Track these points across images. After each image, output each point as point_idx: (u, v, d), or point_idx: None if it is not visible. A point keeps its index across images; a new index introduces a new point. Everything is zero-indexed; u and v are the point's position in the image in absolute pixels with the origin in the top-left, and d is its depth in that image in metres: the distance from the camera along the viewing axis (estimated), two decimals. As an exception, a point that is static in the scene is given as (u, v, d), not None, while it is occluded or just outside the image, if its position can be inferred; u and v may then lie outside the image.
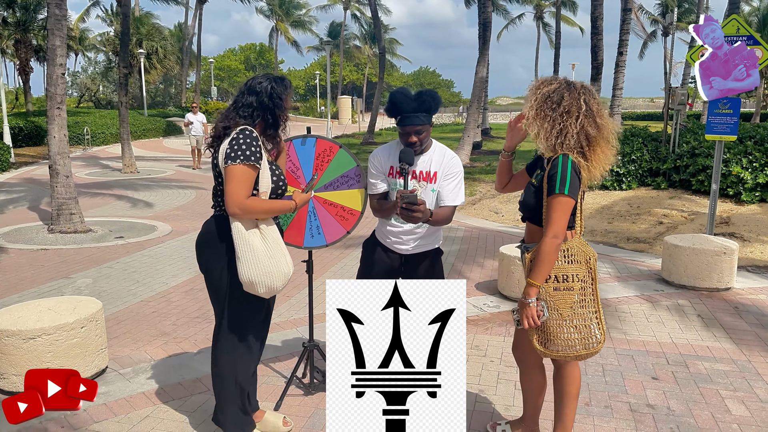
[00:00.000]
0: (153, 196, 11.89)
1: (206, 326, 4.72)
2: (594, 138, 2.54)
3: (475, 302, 5.34)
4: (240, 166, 2.56)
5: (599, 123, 2.55)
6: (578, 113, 2.51)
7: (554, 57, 33.77)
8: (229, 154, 2.58)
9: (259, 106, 2.68)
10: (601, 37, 13.34)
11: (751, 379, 3.85)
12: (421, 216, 2.88)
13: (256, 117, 2.69)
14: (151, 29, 37.32)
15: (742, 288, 5.79)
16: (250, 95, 2.68)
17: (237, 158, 2.56)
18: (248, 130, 2.63)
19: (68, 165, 8.21)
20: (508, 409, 3.46)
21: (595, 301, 2.64)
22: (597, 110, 2.56)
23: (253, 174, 2.60)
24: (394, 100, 3.02)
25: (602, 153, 2.58)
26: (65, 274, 6.22)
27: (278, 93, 2.70)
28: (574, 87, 2.56)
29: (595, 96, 2.61)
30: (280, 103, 2.71)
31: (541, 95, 2.56)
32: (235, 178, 2.55)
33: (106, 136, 25.22)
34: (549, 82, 2.60)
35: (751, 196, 8.86)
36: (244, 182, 2.57)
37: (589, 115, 2.53)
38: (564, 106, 2.52)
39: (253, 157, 2.58)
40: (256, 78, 2.74)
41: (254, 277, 2.61)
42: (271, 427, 3.13)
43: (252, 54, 78.22)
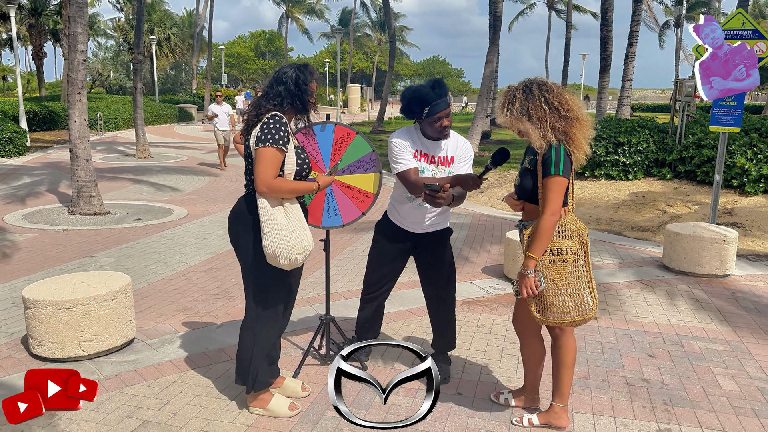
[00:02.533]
0: (167, 180, 12.15)
1: (226, 303, 4.98)
2: (565, 128, 2.78)
3: (482, 284, 5.57)
4: (269, 149, 2.81)
5: (565, 114, 2.78)
6: (545, 116, 2.75)
7: (564, 47, 33.70)
8: (259, 137, 2.83)
9: (288, 94, 2.93)
10: (611, 29, 13.43)
11: (742, 358, 4.06)
12: (443, 202, 3.11)
13: (285, 105, 2.94)
14: (163, 16, 37.56)
15: (741, 275, 5.99)
16: (278, 85, 2.93)
17: (267, 141, 2.81)
18: (278, 115, 2.88)
19: (88, 149, 8.47)
20: (511, 380, 3.69)
21: (587, 272, 2.88)
22: (559, 102, 2.78)
23: (280, 156, 2.85)
24: (418, 95, 3.23)
25: (578, 133, 2.80)
26: (88, 254, 6.49)
27: (303, 79, 2.94)
28: (532, 93, 2.79)
29: (552, 89, 2.81)
30: (305, 88, 2.96)
31: (512, 114, 2.80)
32: (265, 160, 2.80)
33: (118, 122, 25.50)
34: (511, 100, 2.81)
35: (755, 187, 9.01)
36: (272, 164, 2.82)
37: (554, 113, 2.76)
38: (533, 115, 2.77)
39: (281, 141, 2.83)
40: (282, 68, 3.00)
41: (277, 250, 2.85)
42: (290, 392, 3.38)
43: (262, 41, 78.26)
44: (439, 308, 3.66)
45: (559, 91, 2.81)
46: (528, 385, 3.33)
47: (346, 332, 3.97)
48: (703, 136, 9.97)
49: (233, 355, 3.93)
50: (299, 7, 57.36)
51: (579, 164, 2.84)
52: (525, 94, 2.79)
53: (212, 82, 39.79)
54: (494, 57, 15.95)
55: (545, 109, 2.75)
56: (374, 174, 3.55)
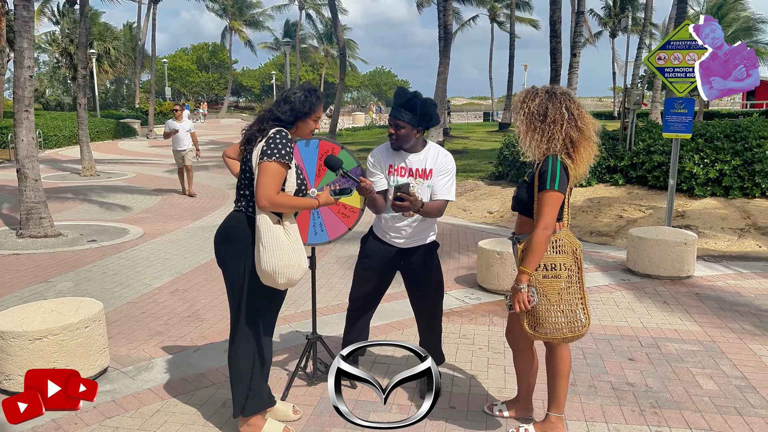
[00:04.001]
0: (118, 199, 11.74)
1: (199, 325, 4.82)
2: (577, 140, 2.81)
3: (457, 295, 5.58)
4: (274, 164, 2.75)
5: (580, 126, 2.82)
6: (562, 121, 2.78)
7: (509, 58, 34.50)
8: (265, 151, 2.77)
9: (292, 114, 2.88)
10: (560, 40, 13.83)
11: (716, 357, 4.20)
12: (410, 205, 3.09)
13: (289, 124, 2.89)
14: (103, 29, 36.49)
15: (701, 276, 6.21)
16: (285, 104, 2.89)
17: (273, 155, 2.75)
18: (284, 131, 2.84)
19: (37, 168, 8.10)
20: (501, 391, 3.69)
21: (580, 288, 2.89)
22: (578, 114, 2.82)
23: (284, 172, 2.79)
24: (395, 93, 3.36)
25: (585, 152, 2.84)
26: (44, 278, 6.18)
27: (311, 101, 2.93)
28: (555, 96, 2.81)
29: (575, 101, 2.86)
30: (311, 113, 2.94)
31: (528, 110, 2.82)
32: (269, 174, 2.74)
33: (59, 139, 24.56)
34: (532, 96, 2.84)
35: (703, 190, 9.40)
36: (276, 178, 2.76)
37: (572, 121, 2.79)
38: (550, 117, 2.78)
39: (287, 156, 2.78)
40: (292, 89, 2.97)
41: (277, 268, 2.77)
42: (281, 416, 3.29)
43: (205, 53, 76.97)
44: (428, 323, 3.64)
45: (579, 104, 2.83)
46: (521, 394, 3.34)
47: (334, 350, 3.89)
48: (653, 143, 10.34)
49: (215, 380, 3.79)
50: (242, 19, 56.82)
51: (577, 180, 2.85)
52: (548, 94, 2.80)
53: (156, 96, 38.89)
54: (446, 69, 16.17)
55: (564, 113, 2.75)
56: (359, 189, 3.50)
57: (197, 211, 10.02)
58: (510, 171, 11.72)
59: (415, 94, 3.34)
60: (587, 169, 2.88)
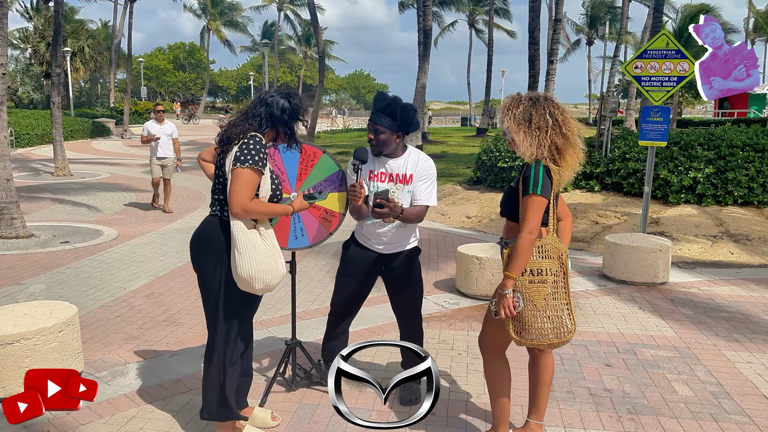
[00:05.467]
0: (92, 199, 11.54)
1: (175, 329, 4.75)
2: (562, 146, 2.80)
3: (436, 300, 5.58)
4: (247, 170, 2.70)
5: (565, 132, 2.81)
6: (547, 128, 2.77)
7: (487, 64, 34.74)
8: (238, 157, 2.72)
9: (269, 117, 2.83)
10: (538, 47, 13.97)
11: (691, 363, 4.26)
12: (389, 211, 3.08)
13: (264, 126, 2.84)
14: (77, 27, 35.90)
15: (676, 282, 6.30)
16: (260, 107, 2.83)
17: (246, 162, 2.70)
18: (258, 137, 2.78)
19: (9, 168, 7.92)
20: (480, 396, 3.69)
21: (566, 293, 2.88)
22: (563, 120, 2.81)
23: (257, 178, 2.74)
24: (374, 98, 3.37)
25: (570, 158, 2.83)
26: (15, 281, 6.04)
27: (294, 107, 2.89)
28: (539, 103, 2.81)
29: (559, 106, 2.85)
30: (289, 118, 2.89)
31: (514, 117, 2.81)
32: (242, 181, 2.69)
33: (31, 137, 24.08)
34: (516, 103, 2.83)
35: (677, 197, 9.55)
36: (250, 185, 2.71)
37: (556, 127, 2.78)
38: (534, 123, 2.77)
39: (260, 163, 2.73)
40: (268, 91, 2.92)
41: (254, 273, 2.74)
42: (260, 422, 3.25)
43: (181, 53, 76.32)
44: (409, 328, 3.63)
45: (563, 109, 2.82)
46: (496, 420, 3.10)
47: (313, 356, 3.86)
48: (628, 150, 10.48)
49: (191, 385, 3.74)
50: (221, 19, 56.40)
51: (560, 186, 2.85)
52: (531, 101, 2.79)
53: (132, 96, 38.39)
54: (425, 73, 16.22)
55: (548, 120, 2.75)
56: (341, 193, 3.48)
57: (173, 214, 9.86)
58: (488, 176, 11.78)
59: (395, 99, 3.35)
60: (572, 174, 2.87)
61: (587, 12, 44.61)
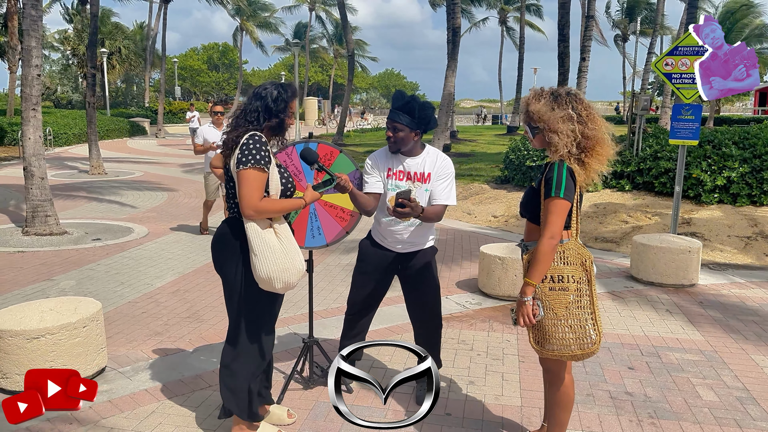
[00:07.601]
0: (124, 197, 11.79)
1: (198, 326, 4.82)
2: (588, 143, 2.64)
3: (458, 300, 5.55)
4: (251, 171, 2.72)
5: (591, 128, 2.64)
6: (571, 123, 2.61)
7: (518, 61, 34.43)
8: (240, 159, 2.74)
9: (265, 110, 2.84)
10: (568, 44, 13.76)
11: (718, 367, 4.15)
12: (411, 211, 3.06)
13: (262, 121, 2.84)
14: (113, 28, 36.70)
15: (705, 284, 6.15)
16: (256, 100, 2.84)
17: (248, 162, 2.72)
18: (257, 135, 2.79)
19: (43, 166, 8.14)
20: (498, 398, 3.66)
21: (591, 302, 2.71)
22: (587, 116, 2.65)
23: (263, 177, 2.76)
24: (393, 96, 3.40)
25: (597, 155, 2.66)
26: (47, 276, 6.20)
27: (283, 98, 2.86)
28: (561, 98, 2.65)
29: (582, 101, 2.68)
30: (284, 107, 2.87)
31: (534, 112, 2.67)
32: (248, 182, 2.72)
33: (68, 137, 24.70)
34: (537, 98, 2.69)
35: (710, 197, 9.32)
36: (257, 185, 2.73)
37: (581, 122, 2.63)
38: (556, 118, 2.62)
39: (262, 161, 2.74)
40: (263, 84, 2.91)
41: (272, 273, 2.75)
42: (276, 420, 3.27)
43: (215, 53, 77.40)
44: (425, 328, 3.62)
45: (587, 104, 2.68)
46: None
47: (331, 354, 3.88)
48: (660, 149, 10.26)
49: (211, 381, 3.79)
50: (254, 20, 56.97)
51: (585, 186, 2.70)
52: (552, 96, 2.67)
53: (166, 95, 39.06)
54: (454, 71, 16.12)
55: (572, 115, 2.61)
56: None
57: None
58: (516, 175, 11.67)
59: (414, 98, 3.34)
60: (598, 176, 2.71)
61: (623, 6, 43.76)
